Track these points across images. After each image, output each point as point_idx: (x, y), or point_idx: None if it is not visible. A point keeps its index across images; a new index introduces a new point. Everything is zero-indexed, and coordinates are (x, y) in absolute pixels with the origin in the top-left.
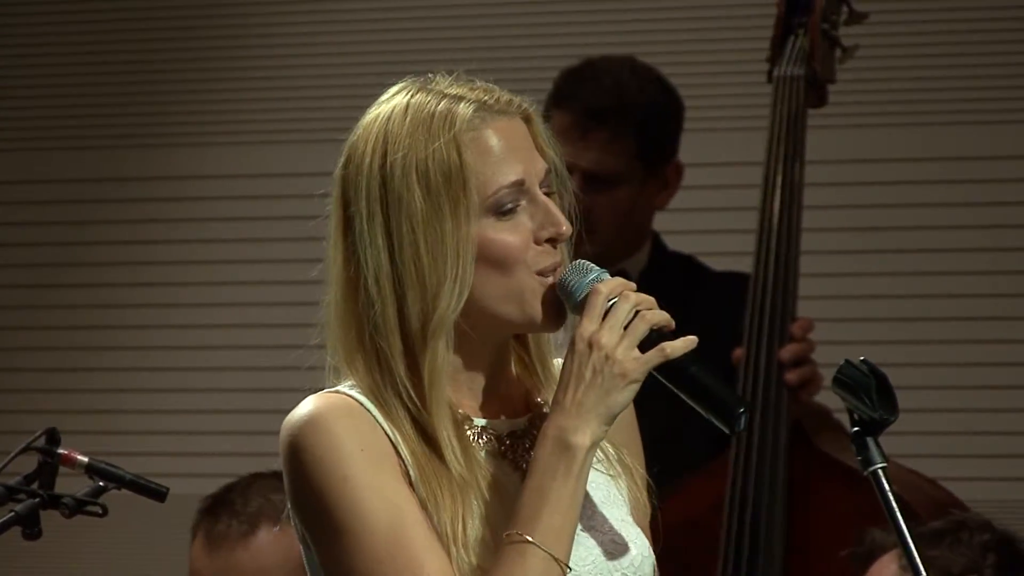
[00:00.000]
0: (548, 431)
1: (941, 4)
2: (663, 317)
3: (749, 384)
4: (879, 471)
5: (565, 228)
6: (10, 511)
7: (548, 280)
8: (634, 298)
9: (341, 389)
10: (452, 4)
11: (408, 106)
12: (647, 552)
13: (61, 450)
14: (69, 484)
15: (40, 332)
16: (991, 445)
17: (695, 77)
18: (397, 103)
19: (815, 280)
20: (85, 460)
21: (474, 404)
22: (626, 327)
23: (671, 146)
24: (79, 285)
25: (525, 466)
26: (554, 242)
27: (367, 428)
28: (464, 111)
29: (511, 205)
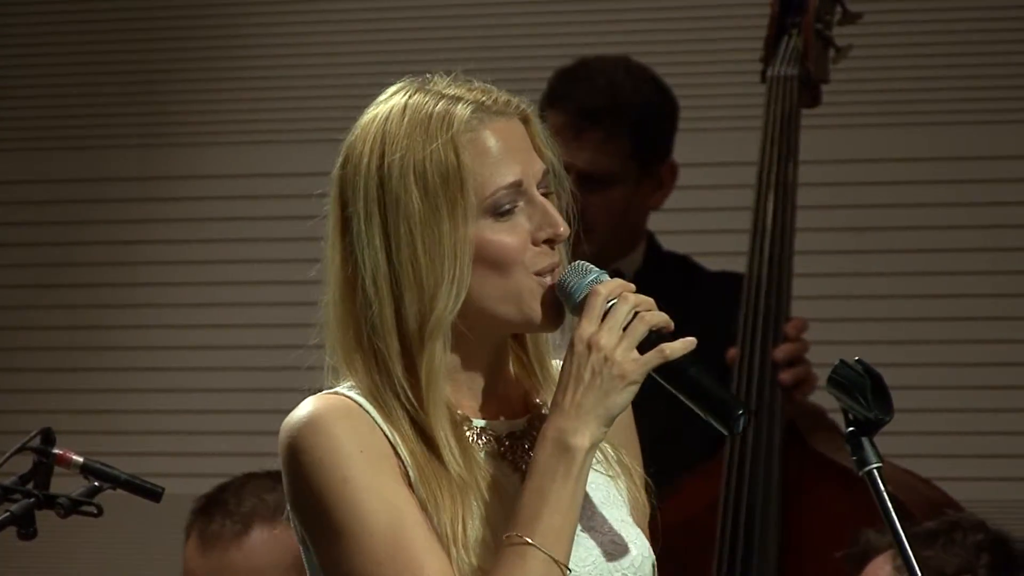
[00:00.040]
0: (547, 432)
1: (939, 4)
2: (662, 318)
3: (743, 384)
4: (874, 471)
5: (563, 229)
6: (5, 511)
7: (546, 280)
8: (633, 299)
9: (340, 390)
10: (451, 4)
11: (406, 107)
12: (647, 552)
13: (56, 450)
14: (64, 484)
15: (37, 332)
16: (989, 445)
17: (690, 77)
18: (395, 103)
19: (809, 280)
20: (80, 460)
21: (473, 405)
22: (625, 328)
23: (665, 146)
24: (76, 285)
25: (524, 467)
26: (552, 243)
27: (366, 429)
28: (462, 112)
29: (509, 206)
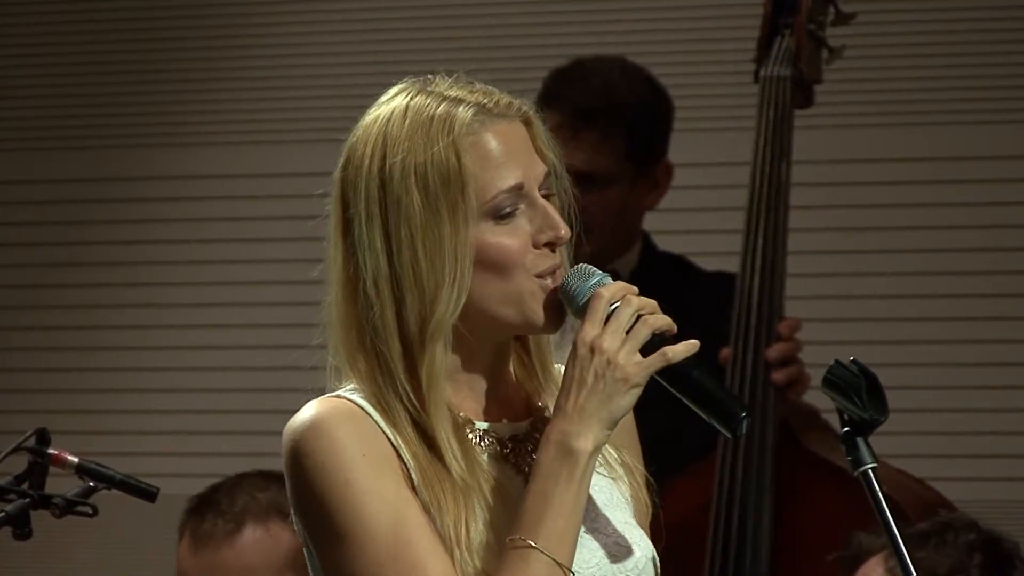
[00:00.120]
0: (550, 436)
1: (939, 4)
2: (665, 321)
3: (736, 383)
4: (869, 471)
5: (564, 232)
6: (0, 511)
7: (547, 283)
8: (636, 302)
9: (343, 393)
10: (451, 4)
11: (407, 108)
12: (651, 554)
13: (51, 450)
14: (59, 484)
15: (34, 332)
16: (985, 445)
17: (684, 77)
18: (397, 105)
19: (802, 280)
20: (75, 460)
21: (476, 407)
22: (628, 331)
23: (661, 146)
24: (76, 285)
25: (528, 470)
26: (552, 246)
27: (369, 432)
28: (463, 114)
29: (510, 209)
